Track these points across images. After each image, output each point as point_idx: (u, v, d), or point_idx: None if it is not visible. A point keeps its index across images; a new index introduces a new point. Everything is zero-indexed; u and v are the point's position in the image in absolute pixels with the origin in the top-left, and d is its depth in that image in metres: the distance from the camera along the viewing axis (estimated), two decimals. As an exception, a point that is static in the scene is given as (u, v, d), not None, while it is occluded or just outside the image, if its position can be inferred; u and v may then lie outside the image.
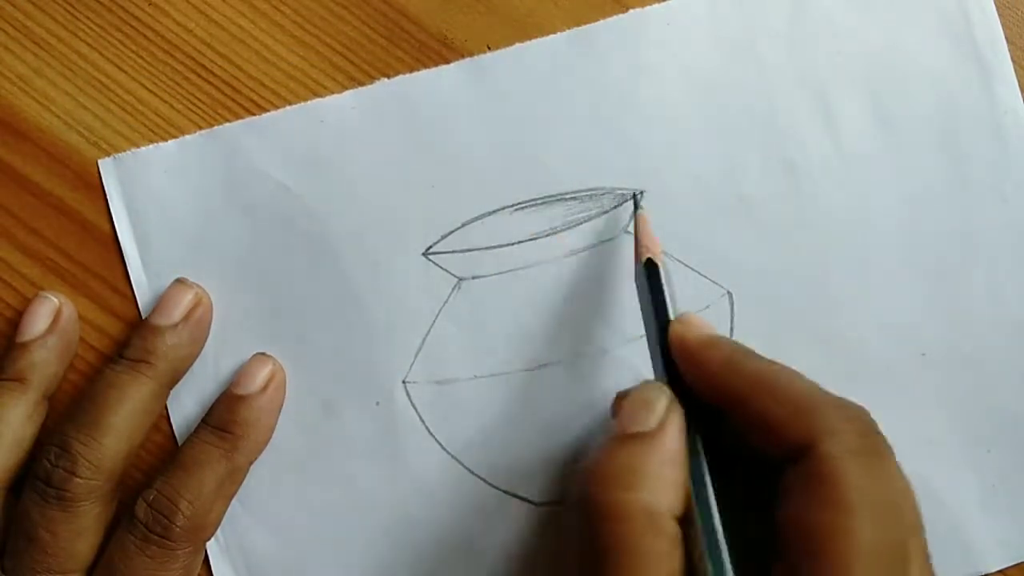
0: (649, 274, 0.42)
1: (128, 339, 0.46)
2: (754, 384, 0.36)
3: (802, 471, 0.34)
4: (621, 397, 0.41)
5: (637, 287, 0.44)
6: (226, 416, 0.45)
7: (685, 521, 0.36)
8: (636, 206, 0.47)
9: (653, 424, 0.37)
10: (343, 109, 0.48)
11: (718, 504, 0.36)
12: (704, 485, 0.36)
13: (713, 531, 0.35)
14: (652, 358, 0.41)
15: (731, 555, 0.35)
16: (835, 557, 0.32)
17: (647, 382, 0.40)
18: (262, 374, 0.46)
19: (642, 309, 0.43)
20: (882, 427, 0.38)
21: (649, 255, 0.43)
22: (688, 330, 0.40)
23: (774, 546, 0.34)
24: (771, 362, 0.38)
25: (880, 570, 0.32)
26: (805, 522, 0.33)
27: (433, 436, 0.48)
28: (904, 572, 0.33)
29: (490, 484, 0.48)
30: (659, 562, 0.34)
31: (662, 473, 0.36)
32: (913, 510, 0.35)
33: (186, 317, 0.46)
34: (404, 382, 0.48)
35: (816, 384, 0.37)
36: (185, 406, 0.48)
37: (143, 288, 0.48)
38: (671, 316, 0.41)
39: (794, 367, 0.47)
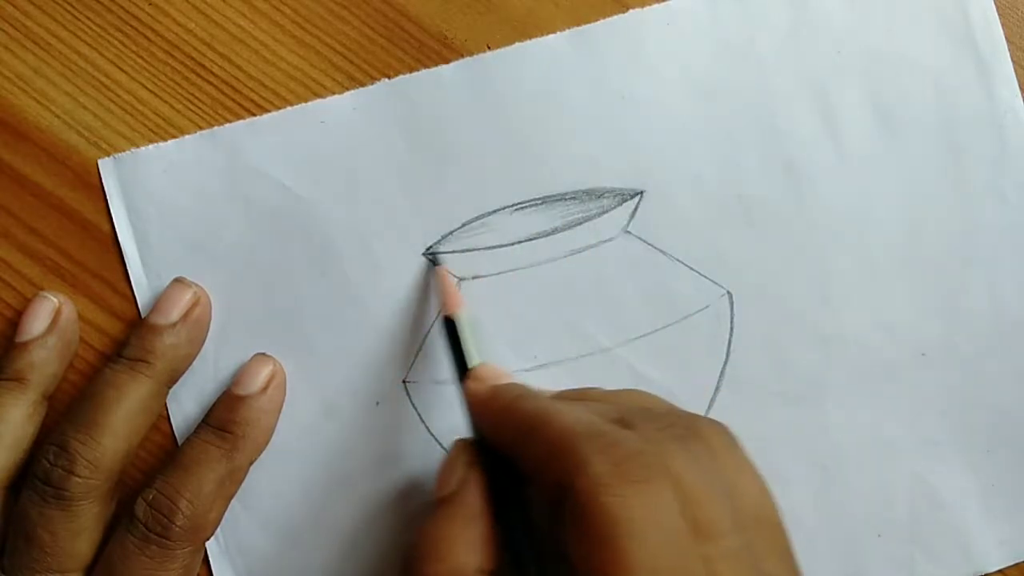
0: (448, 330, 0.44)
1: (127, 339, 0.46)
2: (524, 428, 0.37)
3: (566, 511, 0.34)
4: None
5: (443, 343, 0.44)
6: (226, 416, 0.45)
7: (503, 573, 0.36)
8: (434, 263, 0.47)
9: (452, 486, 0.38)
10: (343, 109, 0.48)
11: (536, 550, 0.37)
12: (510, 536, 0.37)
13: None
14: (463, 414, 0.42)
15: None
16: None
17: (455, 442, 0.41)
18: (262, 374, 0.46)
19: (449, 366, 0.44)
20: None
21: (447, 312, 0.44)
22: (476, 383, 0.41)
23: None
24: (548, 400, 0.38)
25: None
26: (580, 562, 0.33)
27: (433, 436, 0.48)
28: None
29: (489, 484, 0.48)
30: None
31: (464, 534, 0.36)
32: (713, 515, 0.33)
33: (184, 316, 0.46)
34: (404, 382, 0.48)
35: (585, 416, 0.36)
36: (185, 406, 0.48)
37: (143, 288, 0.48)
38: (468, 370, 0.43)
39: (794, 367, 0.47)
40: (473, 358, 0.43)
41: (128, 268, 0.48)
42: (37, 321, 0.46)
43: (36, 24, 0.48)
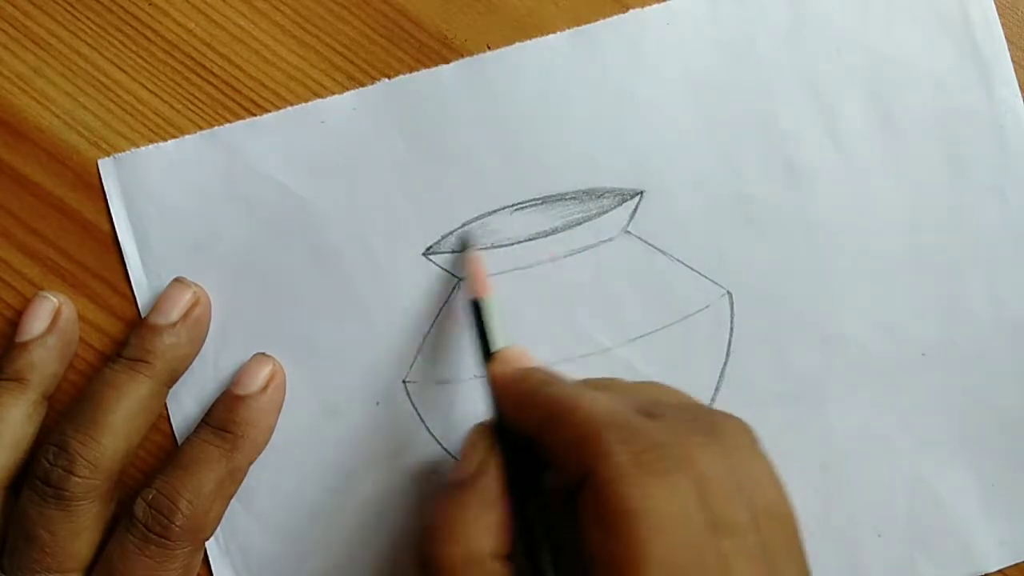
0: (474, 313, 0.44)
1: (127, 339, 0.46)
2: (549, 413, 0.37)
3: (585, 499, 0.34)
4: None
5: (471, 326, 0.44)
6: (226, 416, 0.45)
7: (517, 556, 0.37)
8: (466, 244, 0.48)
9: (471, 469, 0.38)
10: (343, 109, 0.48)
11: (550, 537, 0.37)
12: (523, 522, 0.37)
13: (536, 567, 0.36)
14: (486, 397, 0.42)
15: None
16: None
17: (475, 426, 0.41)
18: (262, 374, 0.46)
19: (476, 349, 0.44)
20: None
21: (473, 296, 0.44)
22: (502, 366, 0.41)
23: None
24: (573, 387, 0.38)
25: None
26: (596, 551, 0.33)
27: (433, 436, 0.48)
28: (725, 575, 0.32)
29: (488, 484, 0.47)
30: None
31: (480, 518, 0.37)
32: (731, 511, 0.34)
33: (184, 316, 0.46)
34: (404, 382, 0.48)
35: (609, 405, 0.36)
36: (185, 406, 0.48)
37: (143, 288, 0.48)
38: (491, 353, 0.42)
39: (793, 366, 0.47)
40: (498, 341, 0.43)
41: (128, 268, 0.48)
42: (37, 321, 0.46)
43: (36, 24, 0.48)
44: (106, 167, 0.48)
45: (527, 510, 0.37)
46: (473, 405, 0.48)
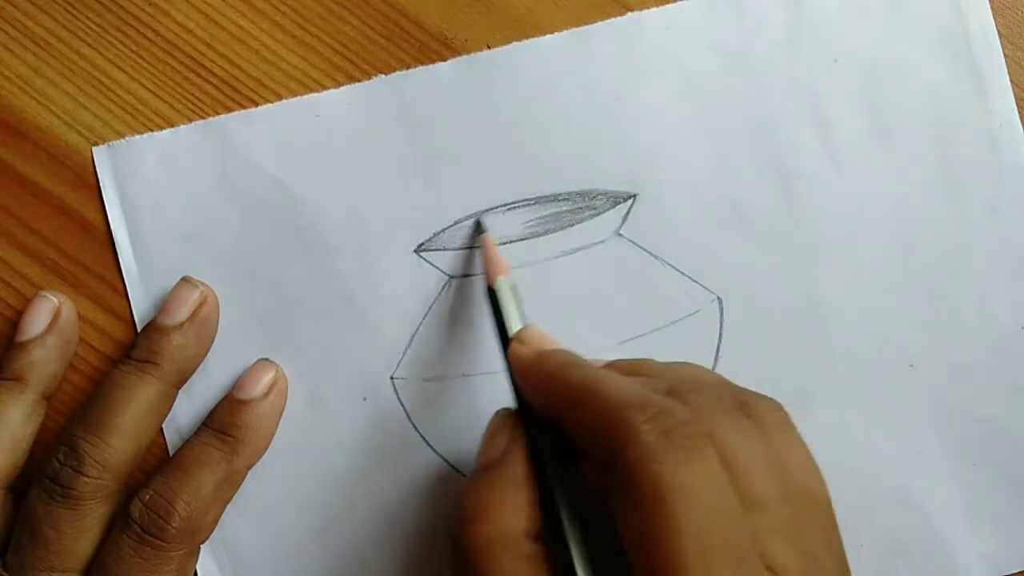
0: (491, 298, 0.43)
1: (135, 340, 0.47)
2: (573, 394, 0.37)
3: (614, 477, 0.34)
4: None
5: (488, 311, 0.44)
6: (227, 419, 0.46)
7: (547, 537, 0.37)
8: (480, 230, 0.48)
9: (497, 453, 0.38)
10: (338, 104, 0.48)
11: (579, 516, 0.37)
12: (552, 502, 0.37)
13: (564, 546, 0.36)
14: (508, 380, 0.42)
15: (591, 565, 0.36)
16: (662, 556, 0.32)
17: (498, 411, 0.41)
18: (265, 379, 0.47)
19: (495, 334, 0.43)
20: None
21: (489, 281, 0.44)
22: (522, 347, 0.41)
23: None
24: (596, 370, 0.38)
25: (721, 559, 0.32)
26: (626, 527, 0.33)
27: (419, 432, 0.48)
28: (756, 550, 0.33)
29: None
30: None
31: (509, 498, 0.37)
32: (760, 487, 0.34)
33: (192, 317, 0.46)
34: (392, 378, 0.48)
35: (635, 387, 0.36)
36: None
37: (133, 276, 0.48)
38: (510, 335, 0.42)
39: (782, 373, 0.48)
40: (516, 324, 0.42)
41: (119, 257, 0.48)
42: (36, 321, 0.46)
43: (36, 24, 0.48)
44: (100, 155, 0.48)
45: (554, 491, 0.37)
46: (460, 403, 0.48)
